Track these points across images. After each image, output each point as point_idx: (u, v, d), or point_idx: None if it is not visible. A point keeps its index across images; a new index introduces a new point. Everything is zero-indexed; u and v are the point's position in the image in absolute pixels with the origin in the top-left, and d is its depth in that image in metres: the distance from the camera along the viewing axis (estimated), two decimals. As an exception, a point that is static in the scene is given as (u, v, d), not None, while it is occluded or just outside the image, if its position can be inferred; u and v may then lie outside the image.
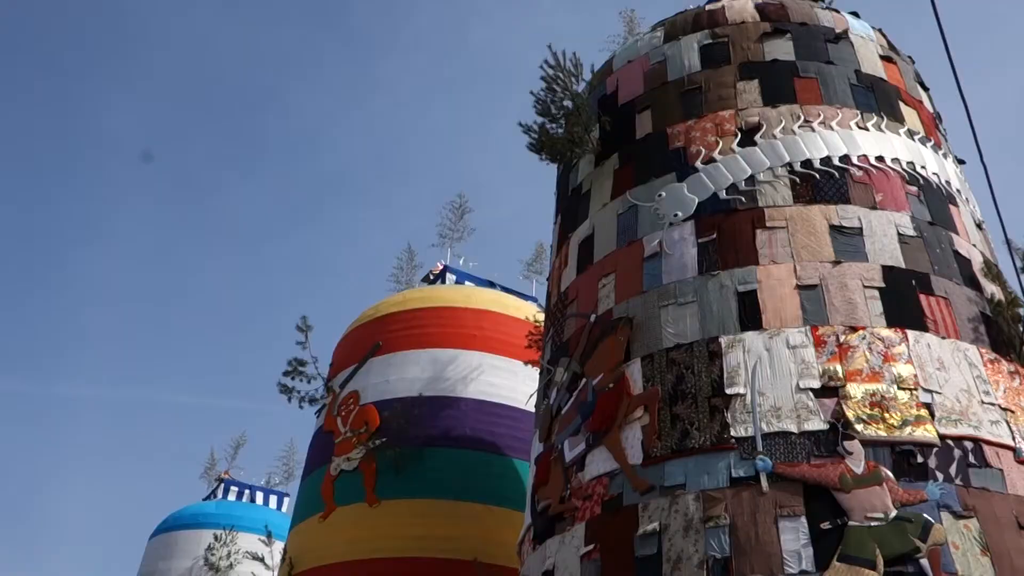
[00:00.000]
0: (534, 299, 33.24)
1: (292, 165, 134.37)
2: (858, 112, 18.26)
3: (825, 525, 12.79)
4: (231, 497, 45.42)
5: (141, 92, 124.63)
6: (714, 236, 16.68)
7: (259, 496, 46.23)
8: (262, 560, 28.98)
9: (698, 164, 17.75)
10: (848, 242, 16.04)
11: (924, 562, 12.27)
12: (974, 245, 17.43)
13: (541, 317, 24.16)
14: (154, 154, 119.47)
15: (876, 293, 15.39)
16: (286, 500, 45.94)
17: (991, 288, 16.63)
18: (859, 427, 13.64)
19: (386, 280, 35.33)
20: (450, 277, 34.55)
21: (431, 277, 35.12)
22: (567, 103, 20.32)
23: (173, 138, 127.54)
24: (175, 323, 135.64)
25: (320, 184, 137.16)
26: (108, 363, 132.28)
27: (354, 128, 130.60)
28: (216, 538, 39.74)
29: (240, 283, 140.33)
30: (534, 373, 23.58)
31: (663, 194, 17.85)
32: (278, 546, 30.03)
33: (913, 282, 15.68)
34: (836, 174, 17.00)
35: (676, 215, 17.36)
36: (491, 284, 34.35)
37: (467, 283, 33.92)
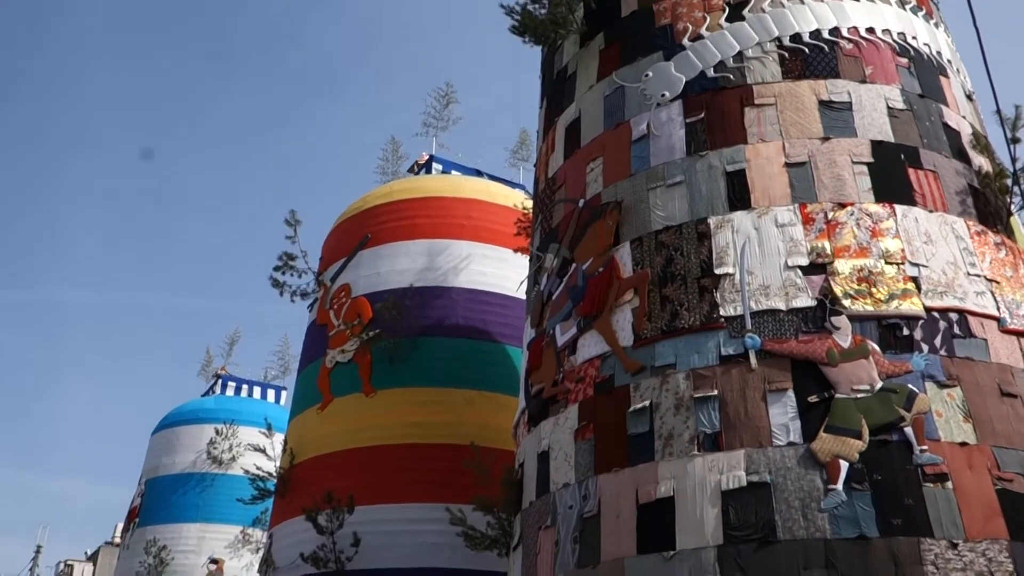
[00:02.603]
0: (522, 186, 33.00)
1: (268, 61, 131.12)
2: (848, -19, 17.72)
3: (812, 398, 13.08)
4: (229, 392, 46.05)
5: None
6: (702, 116, 16.43)
7: (257, 391, 46.87)
8: (264, 451, 29.60)
9: (685, 42, 17.34)
10: (837, 117, 15.83)
11: (908, 430, 12.63)
12: (964, 117, 17.24)
13: (529, 204, 24.05)
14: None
15: (864, 168, 15.29)
16: (284, 393, 46.63)
17: (979, 160, 16.54)
18: (846, 302, 13.79)
19: (372, 172, 34.98)
20: (436, 167, 34.14)
21: (417, 168, 34.73)
22: (549, -19, 19.71)
23: (146, 38, 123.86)
24: (162, 226, 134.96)
25: (298, 80, 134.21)
26: (98, 267, 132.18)
27: (329, 19, 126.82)
28: (217, 432, 40.53)
29: (225, 183, 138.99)
30: (524, 260, 23.66)
31: (650, 74, 17.49)
32: (278, 438, 30.63)
33: (902, 156, 15.57)
34: (825, 48, 16.65)
35: (663, 95, 17.07)
36: (478, 173, 34.01)
37: (454, 172, 33.58)
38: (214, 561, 37.16)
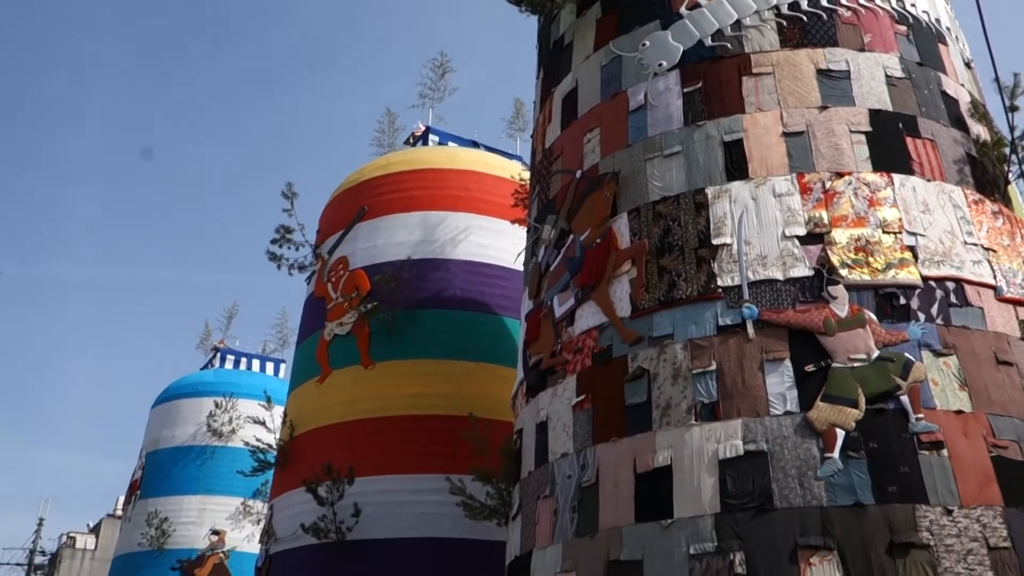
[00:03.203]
0: (518, 157, 32.87)
1: (261, 33, 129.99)
2: (847, -52, 17.55)
3: (809, 368, 13.12)
4: (228, 365, 46.12)
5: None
6: (699, 85, 16.34)
7: (255, 364, 46.92)
8: (263, 424, 29.69)
9: (683, 10, 17.20)
10: (835, 86, 15.75)
11: (904, 399, 12.69)
12: (962, 85, 17.17)
13: (526, 175, 23.98)
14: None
15: (862, 137, 15.23)
16: (282, 366, 46.72)
17: (977, 128, 16.49)
18: (843, 272, 13.80)
19: (368, 144, 34.73)
20: (433, 138, 33.99)
21: (413, 140, 34.56)
22: (545, -50, 19.50)
23: (136, 8, 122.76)
24: (158, 200, 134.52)
25: (292, 52, 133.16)
26: (94, 242, 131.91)
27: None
28: (217, 405, 40.66)
29: (220, 156, 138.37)
30: (521, 232, 23.61)
31: (647, 43, 17.38)
32: (278, 410, 30.72)
33: (900, 125, 15.51)
34: (824, 15, 16.53)
35: (661, 65, 16.96)
36: (475, 144, 33.86)
37: (450, 144, 33.43)
38: (215, 532, 37.47)
